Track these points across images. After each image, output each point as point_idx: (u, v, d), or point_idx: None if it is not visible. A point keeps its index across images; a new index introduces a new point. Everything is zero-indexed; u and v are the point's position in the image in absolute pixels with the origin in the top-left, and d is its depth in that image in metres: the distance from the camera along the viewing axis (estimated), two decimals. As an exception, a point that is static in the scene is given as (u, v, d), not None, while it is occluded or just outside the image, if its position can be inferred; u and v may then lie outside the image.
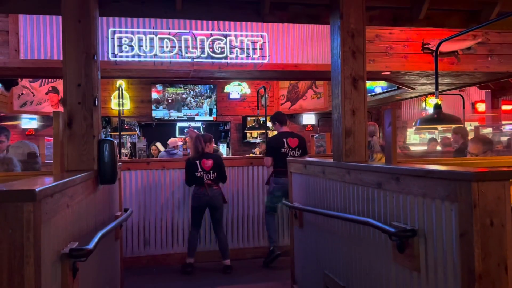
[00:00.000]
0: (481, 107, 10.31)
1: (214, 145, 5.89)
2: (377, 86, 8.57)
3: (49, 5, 2.98)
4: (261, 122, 7.43)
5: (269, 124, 6.58)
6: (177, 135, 11.22)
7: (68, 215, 1.86)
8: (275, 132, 5.51)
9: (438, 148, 7.98)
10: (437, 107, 3.89)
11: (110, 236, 3.04)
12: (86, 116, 2.55)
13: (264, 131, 6.52)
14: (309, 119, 11.90)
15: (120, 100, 6.71)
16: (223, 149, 11.23)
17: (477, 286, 1.61)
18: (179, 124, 11.56)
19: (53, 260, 1.61)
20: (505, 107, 9.90)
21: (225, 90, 11.64)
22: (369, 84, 7.70)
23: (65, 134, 2.48)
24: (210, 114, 11.35)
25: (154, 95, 11.10)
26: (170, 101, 11.19)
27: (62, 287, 1.72)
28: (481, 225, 1.61)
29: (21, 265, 1.34)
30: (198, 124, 11.50)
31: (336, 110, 2.98)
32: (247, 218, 5.42)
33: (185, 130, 11.30)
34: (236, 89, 11.70)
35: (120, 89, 6.89)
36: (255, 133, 9.68)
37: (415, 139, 11.22)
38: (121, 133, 6.15)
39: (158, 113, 11.09)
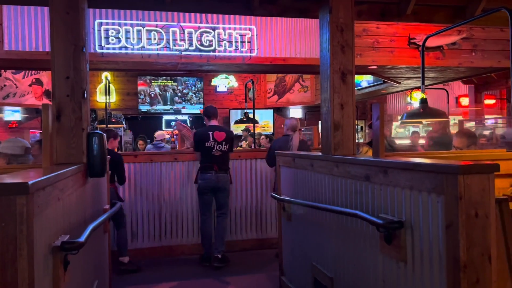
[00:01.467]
0: (465, 101, 10.50)
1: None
2: (363, 80, 8.66)
3: (36, -4, 2.93)
4: (249, 115, 7.45)
5: (257, 118, 6.60)
6: (163, 128, 11.17)
7: (59, 208, 1.85)
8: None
9: (421, 141, 8.10)
10: (423, 101, 3.96)
11: (99, 230, 3.04)
12: (75, 109, 2.53)
13: (252, 125, 6.53)
14: (296, 112, 11.95)
15: (106, 93, 6.63)
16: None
17: (461, 275, 1.66)
18: (165, 117, 11.50)
19: (45, 252, 1.61)
20: (487, 102, 10.10)
21: (212, 83, 11.61)
22: (355, 78, 7.76)
23: (53, 127, 2.46)
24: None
25: (140, 87, 11.00)
26: (156, 94, 11.11)
27: (54, 280, 1.72)
28: (466, 217, 1.66)
29: (14, 258, 1.34)
30: (185, 117, 11.46)
31: (325, 104, 3.01)
32: (234, 211, 5.45)
33: (172, 123, 11.26)
34: (223, 82, 11.68)
35: (107, 82, 6.81)
36: (243, 126, 9.69)
37: (401, 133, 11.37)
38: (108, 125, 6.09)
39: (144, 106, 11.01)
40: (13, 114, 10.29)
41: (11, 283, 1.35)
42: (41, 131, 7.09)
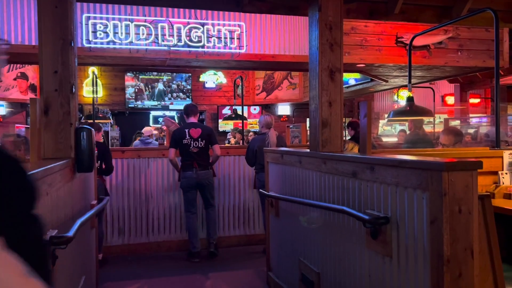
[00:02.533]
0: (450, 100, 10.66)
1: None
2: (351, 78, 8.73)
3: (23, -11, 2.90)
4: (237, 111, 7.45)
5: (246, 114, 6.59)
6: (151, 124, 11.11)
7: (47, 203, 1.85)
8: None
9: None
10: (410, 99, 4.01)
11: (87, 225, 3.03)
12: (63, 103, 2.51)
13: (241, 121, 6.53)
14: (284, 109, 11.99)
15: (94, 88, 6.57)
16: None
17: (445, 270, 1.71)
18: (153, 113, 11.43)
19: (33, 247, 1.61)
20: (472, 100, 10.27)
21: (200, 79, 11.57)
22: (343, 76, 7.82)
23: (41, 122, 2.44)
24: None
25: (128, 83, 10.92)
26: (143, 89, 11.04)
27: (42, 275, 1.72)
28: (450, 212, 1.71)
29: (3, 252, 1.34)
30: (173, 113, 11.41)
31: (314, 101, 3.04)
32: (222, 207, 5.46)
33: (159, 119, 11.20)
34: (211, 78, 11.65)
35: (94, 77, 6.75)
36: (231, 122, 9.69)
37: (388, 131, 11.49)
38: (95, 121, 6.04)
39: (132, 102, 10.93)
40: (-3, 108, 10.12)
41: (0, 277, 1.34)
42: (26, 126, 7.01)
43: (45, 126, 2.49)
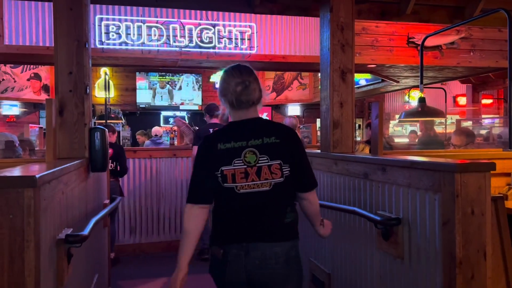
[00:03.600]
0: (462, 100, 10.56)
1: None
2: (362, 79, 8.69)
3: (39, -9, 2.95)
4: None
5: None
6: (161, 124, 11.18)
7: (63, 202, 1.88)
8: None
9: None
10: (421, 100, 3.99)
11: (100, 224, 3.06)
12: (77, 104, 2.55)
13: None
14: (294, 110, 11.98)
15: (106, 88, 6.65)
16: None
17: (457, 271, 1.70)
18: (163, 113, 11.50)
19: (50, 245, 1.64)
20: (485, 101, 10.17)
21: (211, 80, 11.61)
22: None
23: (56, 122, 2.48)
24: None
25: (139, 83, 11.00)
26: (155, 90, 11.12)
27: (58, 272, 1.75)
28: (463, 214, 1.70)
29: (21, 250, 1.37)
30: (183, 113, 11.47)
31: (325, 102, 3.04)
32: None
33: (170, 120, 11.27)
34: (222, 79, 11.67)
35: (106, 77, 6.83)
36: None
37: (398, 132, 11.43)
38: (107, 121, 6.11)
39: (143, 102, 11.01)
40: (11, 109, 10.28)
41: (18, 273, 1.38)
42: (40, 126, 7.11)
43: (60, 126, 2.53)
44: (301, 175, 1.86)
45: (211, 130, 4.80)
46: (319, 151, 3.27)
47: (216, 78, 11.57)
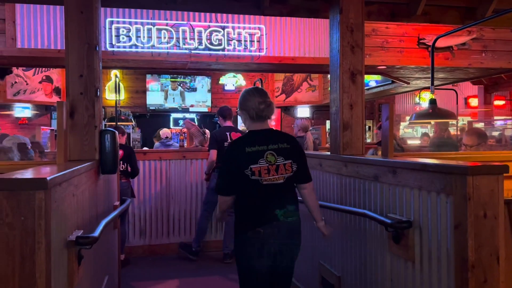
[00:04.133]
0: (474, 102, 10.45)
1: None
2: (372, 80, 8.64)
3: (51, -5, 2.98)
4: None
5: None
6: (171, 126, 11.22)
7: (73, 204, 1.89)
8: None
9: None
10: (432, 102, 3.95)
11: (110, 226, 3.08)
12: (88, 106, 2.57)
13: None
14: (303, 111, 11.94)
15: (116, 91, 6.70)
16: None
17: (469, 275, 1.68)
18: (173, 115, 11.55)
19: (60, 247, 1.66)
20: (497, 102, 10.05)
21: (220, 82, 11.63)
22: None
23: (67, 125, 2.50)
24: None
25: (149, 85, 11.07)
26: (164, 92, 11.18)
27: (69, 274, 1.76)
28: (475, 217, 1.68)
29: (33, 251, 1.38)
30: (193, 115, 11.51)
31: (334, 103, 3.03)
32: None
33: (180, 122, 11.32)
34: (231, 81, 11.70)
35: (117, 80, 6.88)
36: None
37: (409, 133, 11.35)
38: (118, 123, 6.15)
39: (153, 104, 11.08)
40: (23, 111, 10.40)
41: (29, 275, 1.39)
42: (51, 128, 7.18)
43: (70, 128, 2.55)
44: (303, 170, 2.49)
45: (227, 133, 4.84)
46: (328, 153, 3.25)
47: (226, 80, 11.60)
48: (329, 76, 3.14)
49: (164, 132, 7.75)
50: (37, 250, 1.39)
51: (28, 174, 1.59)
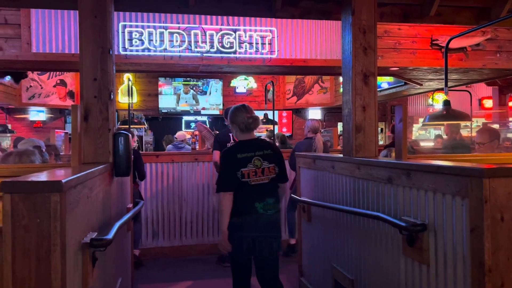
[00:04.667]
0: (488, 103, 10.30)
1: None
2: (384, 82, 8.58)
3: (66, 0, 3.02)
4: (268, 117, 7.48)
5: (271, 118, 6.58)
6: (183, 129, 11.29)
7: (88, 206, 1.91)
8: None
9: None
10: (446, 103, 3.91)
11: (123, 228, 3.10)
12: (102, 109, 2.60)
13: (272, 126, 6.54)
14: (315, 114, 11.92)
15: (129, 94, 6.76)
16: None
17: (486, 279, 1.65)
18: (185, 118, 11.62)
19: (75, 249, 1.67)
20: (512, 104, 9.88)
21: (231, 84, 11.67)
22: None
23: (81, 128, 2.53)
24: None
25: (161, 88, 11.15)
26: (176, 95, 11.25)
27: (83, 275, 1.78)
28: (492, 220, 1.65)
29: (48, 253, 1.40)
30: (205, 118, 11.56)
31: (347, 105, 3.01)
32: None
33: (191, 124, 11.37)
34: (242, 84, 11.74)
35: (129, 83, 6.95)
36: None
37: (422, 135, 11.23)
38: (130, 126, 6.20)
39: (165, 107, 11.15)
40: (38, 114, 10.56)
41: (45, 277, 1.40)
42: (65, 131, 7.27)
43: (85, 131, 2.58)
44: (283, 173, 3.02)
45: (230, 134, 4.82)
46: (341, 155, 3.23)
47: (237, 83, 11.63)
48: (340, 78, 3.12)
49: (180, 134, 7.79)
50: (53, 252, 1.40)
51: (43, 176, 1.61)
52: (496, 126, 8.85)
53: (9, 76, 6.27)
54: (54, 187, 1.41)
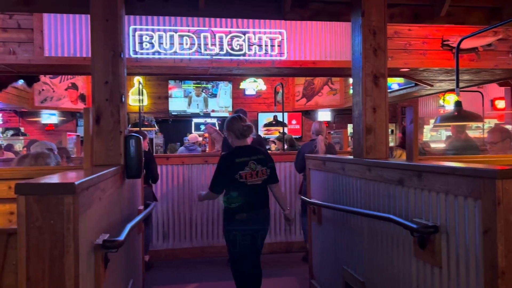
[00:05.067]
0: (501, 104, 10.16)
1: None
2: (394, 83, 8.53)
3: (77, 5, 3.06)
4: (277, 119, 7.48)
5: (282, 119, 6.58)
6: (193, 131, 11.34)
7: (100, 208, 1.93)
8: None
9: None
10: (458, 104, 3.87)
11: (134, 230, 3.13)
12: (113, 112, 2.62)
13: (281, 128, 6.54)
14: (325, 115, 11.88)
15: (140, 97, 6.81)
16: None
17: (500, 282, 1.63)
18: (195, 120, 11.67)
19: (88, 250, 1.69)
20: (525, 104, 9.74)
21: (240, 87, 11.70)
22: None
23: (93, 130, 2.56)
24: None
25: (171, 91, 11.21)
26: (186, 97, 11.31)
27: (95, 277, 1.80)
28: (505, 222, 1.63)
29: (62, 254, 1.42)
30: (214, 120, 11.60)
31: (357, 107, 3.01)
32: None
33: (201, 126, 11.41)
34: (251, 86, 11.75)
35: (140, 86, 7.00)
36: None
37: (434, 137, 11.13)
38: (141, 128, 6.25)
39: (175, 110, 11.21)
40: (50, 117, 10.70)
41: (59, 277, 1.42)
42: (77, 134, 7.36)
43: (96, 134, 2.61)
44: (274, 174, 3.42)
45: None
46: (351, 157, 3.22)
47: (246, 85, 11.65)
48: (350, 79, 3.11)
49: (192, 136, 7.84)
50: (66, 254, 1.42)
51: (56, 179, 1.63)
52: (508, 127, 8.74)
53: (22, 80, 6.37)
54: (67, 189, 1.43)
